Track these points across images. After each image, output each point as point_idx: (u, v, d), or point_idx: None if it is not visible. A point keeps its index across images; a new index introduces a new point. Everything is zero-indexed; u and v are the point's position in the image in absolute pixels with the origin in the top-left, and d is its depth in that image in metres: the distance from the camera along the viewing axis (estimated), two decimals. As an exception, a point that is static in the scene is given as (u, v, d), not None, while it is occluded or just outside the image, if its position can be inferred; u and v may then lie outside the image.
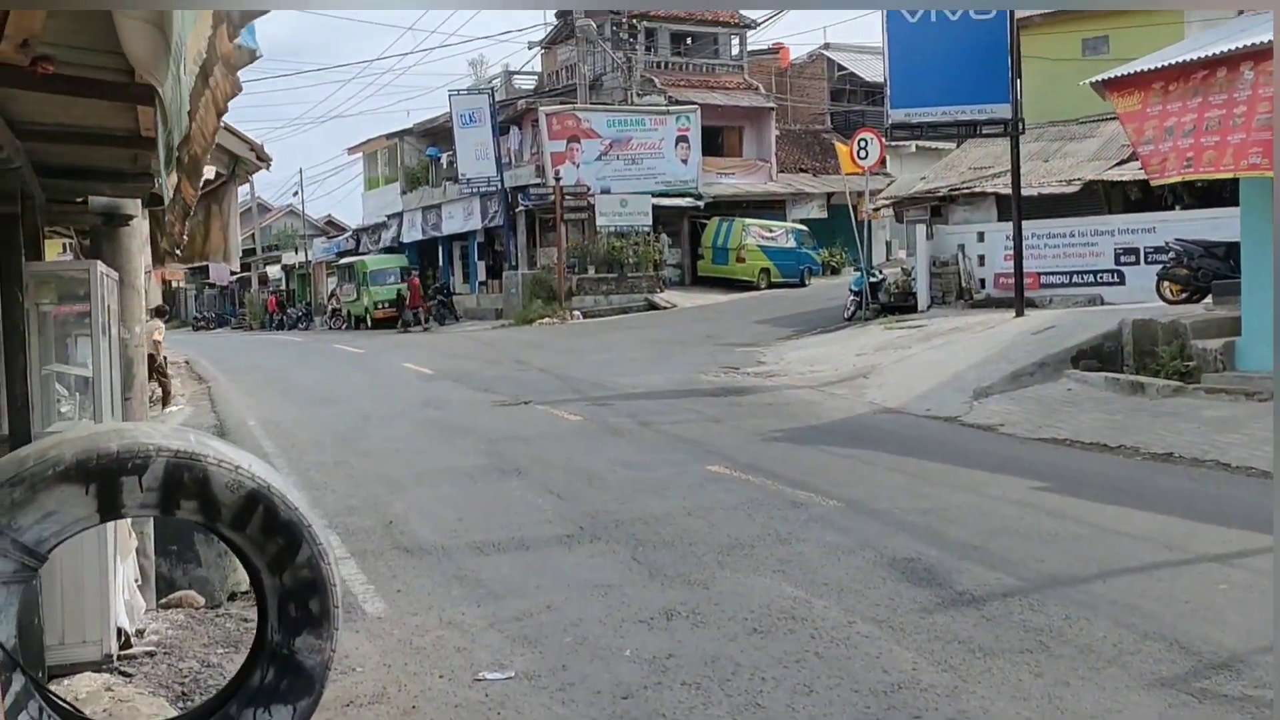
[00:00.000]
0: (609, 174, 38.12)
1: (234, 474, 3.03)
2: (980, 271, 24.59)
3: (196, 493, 3.02)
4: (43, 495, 2.86)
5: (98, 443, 2.95)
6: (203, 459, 3.00)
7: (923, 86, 20.10)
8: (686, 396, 16.41)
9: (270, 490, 3.08)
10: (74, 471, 2.91)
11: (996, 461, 10.77)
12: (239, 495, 3.04)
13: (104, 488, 2.92)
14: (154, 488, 2.97)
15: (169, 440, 3.00)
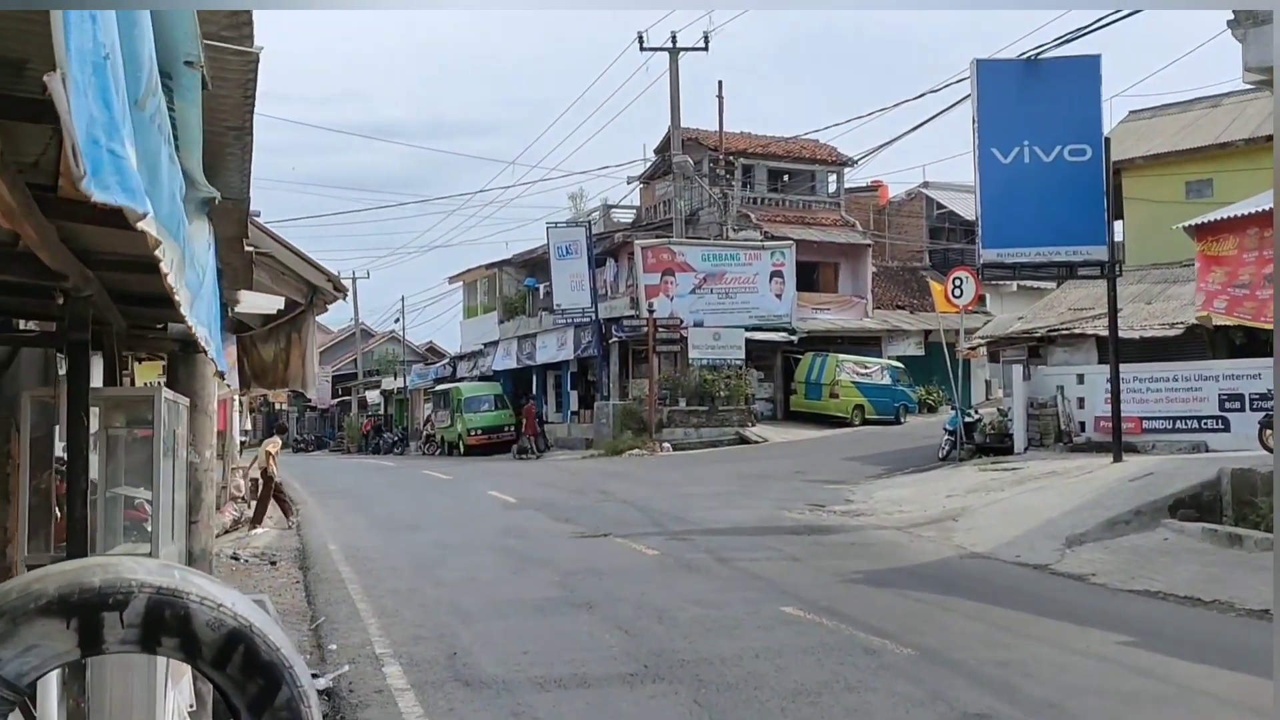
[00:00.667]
0: (702, 307, 38.37)
1: (215, 612, 3.01)
2: (1079, 414, 24.04)
3: (177, 630, 3.00)
4: (24, 629, 2.87)
5: (81, 577, 2.96)
6: (184, 596, 2.99)
7: (1016, 226, 19.98)
8: (768, 533, 16.16)
9: (252, 630, 3.05)
10: (56, 605, 2.92)
11: (1084, 613, 10.35)
12: (220, 634, 3.02)
13: (85, 623, 2.93)
14: (135, 624, 2.97)
15: (152, 576, 3.00)
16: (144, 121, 2.30)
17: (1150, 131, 30.50)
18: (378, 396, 66.29)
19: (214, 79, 3.11)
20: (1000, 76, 19.99)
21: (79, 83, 1.88)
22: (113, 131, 2.02)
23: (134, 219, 2.18)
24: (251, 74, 3.25)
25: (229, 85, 3.32)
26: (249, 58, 3.12)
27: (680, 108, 38.79)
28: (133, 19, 2.15)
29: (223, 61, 3.13)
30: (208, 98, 3.04)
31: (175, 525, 5.60)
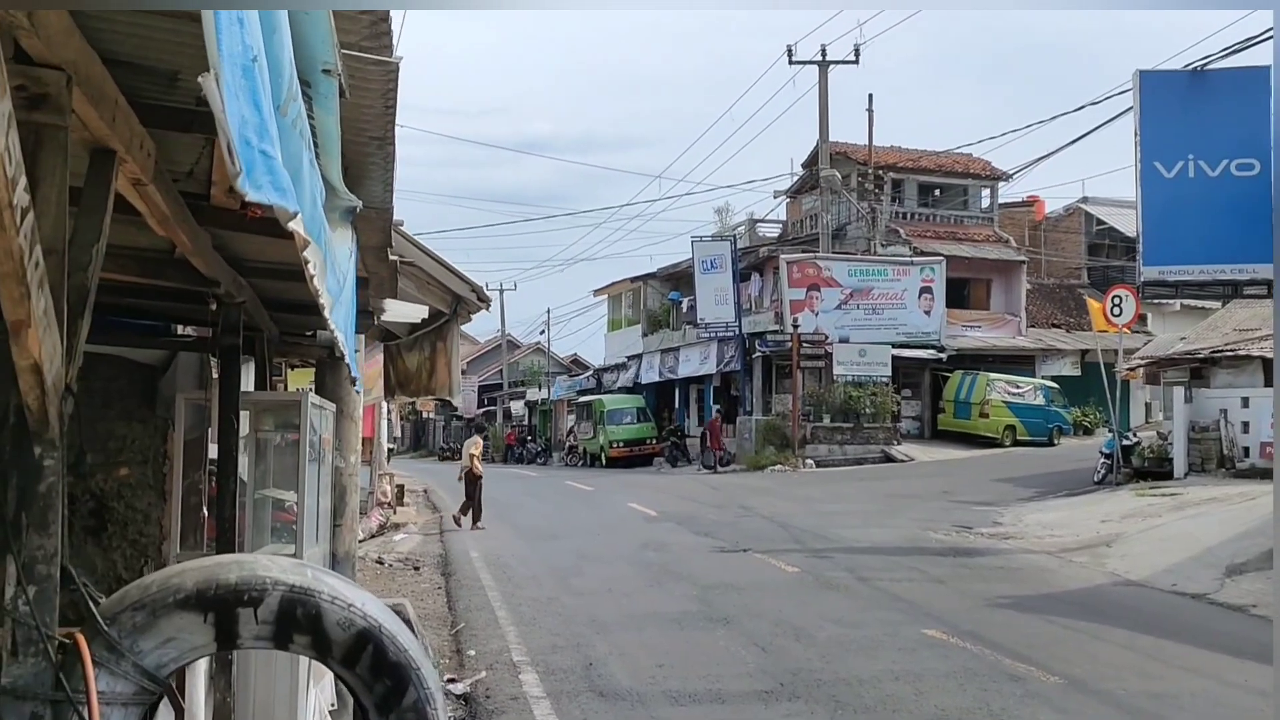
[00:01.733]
0: (848, 323, 37.95)
1: (346, 611, 3.07)
2: (1244, 439, 23.05)
3: (309, 628, 3.07)
4: (163, 621, 2.96)
5: (218, 573, 3.05)
6: (316, 595, 3.06)
7: (1179, 243, 19.23)
8: (911, 554, 15.88)
9: (381, 630, 3.11)
10: (194, 600, 3.01)
11: (1242, 645, 9.89)
12: (350, 633, 3.08)
13: (221, 617, 3.01)
14: (269, 620, 3.04)
15: (286, 574, 3.08)
16: (286, 127, 2.36)
17: (1325, 144, 29.08)
18: (522, 407, 67.24)
19: (355, 88, 3.17)
20: (1164, 88, 19.29)
21: (230, 84, 1.93)
22: (263, 133, 2.08)
23: (284, 218, 2.23)
24: (392, 84, 3.31)
25: (370, 95, 3.39)
26: (389, 67, 3.18)
27: (829, 121, 38.58)
28: (274, 24, 2.20)
29: (364, 71, 3.19)
30: (350, 107, 3.11)
31: (320, 527, 5.75)
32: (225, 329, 4.80)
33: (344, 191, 3.55)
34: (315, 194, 2.74)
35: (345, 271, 3.75)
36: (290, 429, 5.64)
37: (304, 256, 2.52)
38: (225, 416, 4.80)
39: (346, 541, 6.60)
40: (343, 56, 2.91)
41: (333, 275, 3.23)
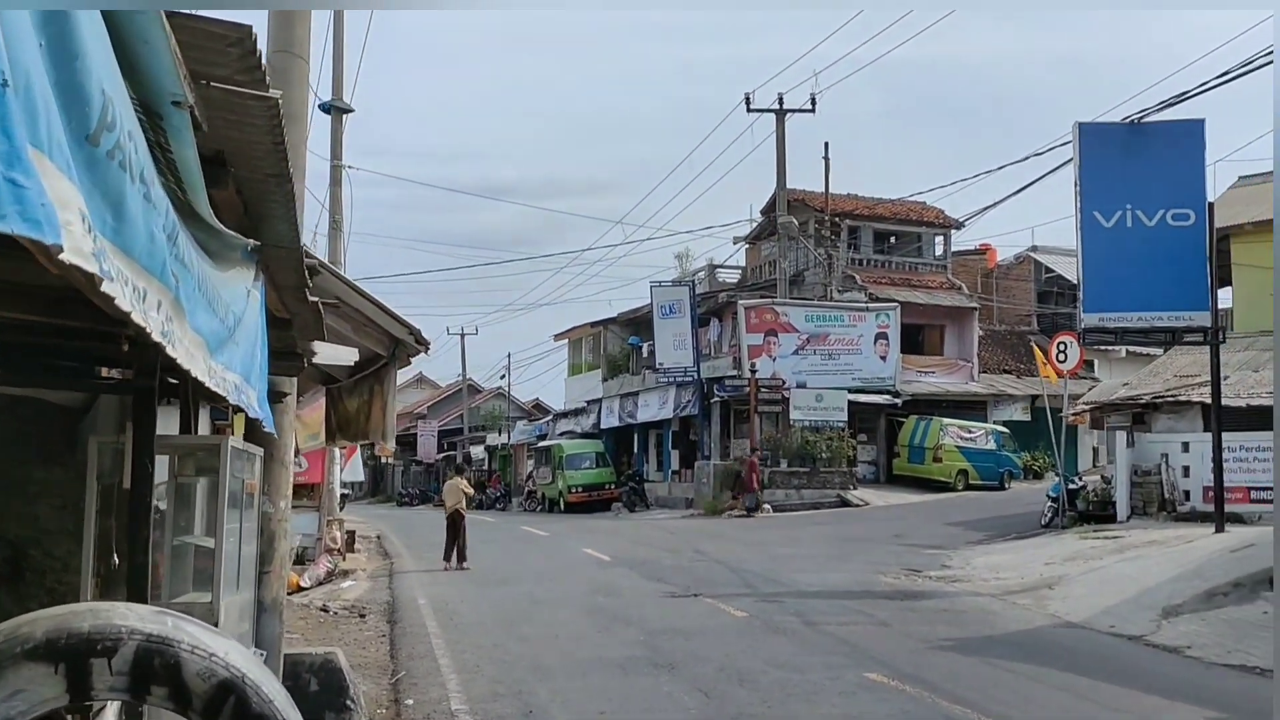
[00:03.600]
0: (805, 368, 38.22)
1: (207, 661, 3.01)
2: (1184, 483, 23.43)
3: (167, 679, 2.97)
4: (10, 673, 2.86)
5: (70, 622, 2.94)
6: (175, 644, 2.99)
7: (1118, 291, 19.67)
8: (860, 597, 15.98)
9: (244, 680, 3.05)
10: (43, 650, 2.90)
11: (1175, 686, 10.06)
12: (211, 684, 3.00)
13: (73, 668, 2.91)
14: (124, 671, 2.93)
15: (143, 623, 2.99)
16: (98, 158, 2.30)
17: (1260, 197, 29.72)
18: (482, 451, 67.02)
19: (240, 124, 3.22)
20: (1103, 139, 19.78)
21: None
22: (13, 161, 1.96)
23: (41, 252, 2.11)
24: (275, 120, 3.33)
25: (256, 131, 3.40)
26: (269, 103, 3.22)
27: (786, 169, 38.95)
28: (72, 52, 2.14)
29: (244, 107, 3.22)
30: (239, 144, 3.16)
31: (242, 574, 5.75)
32: (141, 370, 4.80)
33: (219, 226, 3.49)
34: (153, 228, 2.66)
35: (239, 311, 3.76)
36: (211, 473, 5.64)
37: (104, 292, 2.36)
38: (138, 460, 4.79)
39: (274, 589, 6.61)
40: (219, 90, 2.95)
41: (209, 314, 3.24)
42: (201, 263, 3.16)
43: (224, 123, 3.25)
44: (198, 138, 2.97)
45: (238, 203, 3.84)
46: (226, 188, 3.66)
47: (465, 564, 21.11)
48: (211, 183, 3.40)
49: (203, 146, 3.13)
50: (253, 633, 6.32)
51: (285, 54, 7.11)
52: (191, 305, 3.01)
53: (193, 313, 3.03)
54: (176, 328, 2.85)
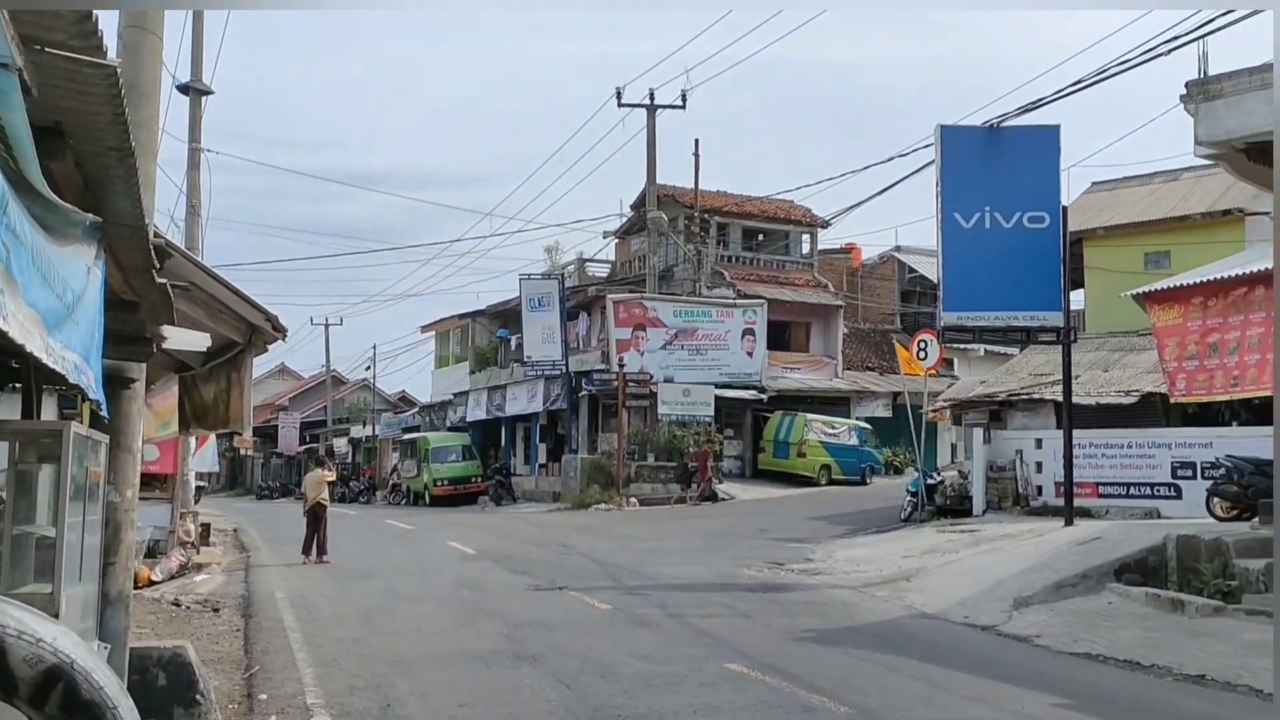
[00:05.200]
0: (673, 363, 38.43)
1: (34, 647, 2.90)
2: (1037, 478, 24.19)
3: None
4: None
5: None
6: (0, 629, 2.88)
7: (976, 291, 20.16)
8: (723, 590, 16.13)
9: (74, 667, 2.95)
10: None
11: (1024, 674, 10.37)
12: (38, 670, 2.90)
13: None
14: None
15: None
16: None
17: (1111, 203, 30.99)
18: (345, 444, 65.90)
19: (77, 93, 3.07)
20: (963, 142, 20.25)
21: None
22: None
23: None
24: (115, 90, 3.19)
25: (95, 101, 3.25)
26: (107, 71, 3.07)
27: (656, 164, 39.11)
28: None
29: (81, 75, 3.07)
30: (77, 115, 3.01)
31: (86, 566, 5.53)
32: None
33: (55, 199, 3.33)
34: None
35: (79, 289, 3.61)
36: (53, 460, 5.39)
37: None
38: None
39: (120, 581, 6.37)
40: (53, 56, 2.81)
41: (47, 290, 3.10)
42: (37, 236, 3.00)
43: (60, 91, 3.09)
44: (30, 104, 2.82)
45: (77, 177, 3.66)
46: (64, 160, 3.49)
47: (326, 558, 20.73)
48: (48, 154, 3.23)
49: (37, 114, 2.97)
50: (97, 626, 6.09)
51: (138, 29, 6.84)
52: (25, 279, 2.87)
53: (27, 286, 2.89)
54: (9, 300, 2.71)
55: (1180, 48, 15.10)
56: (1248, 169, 15.37)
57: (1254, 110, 13.78)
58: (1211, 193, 27.81)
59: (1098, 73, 17.27)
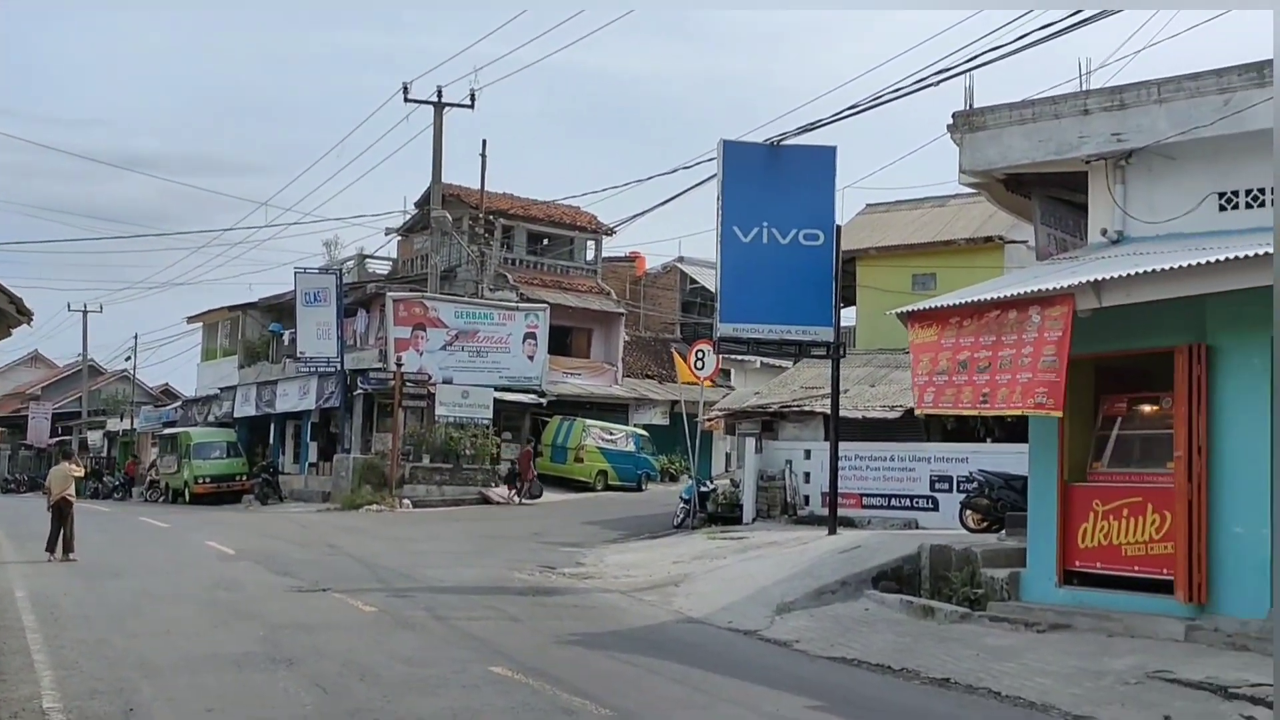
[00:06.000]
0: (453, 364, 38.04)
1: None
2: (805, 488, 24.98)
3: None
4: None
5: None
6: None
7: (752, 303, 20.67)
8: (492, 593, 16.04)
9: None
10: None
11: (780, 678, 10.64)
12: None
13: None
14: None
15: None
16: None
17: (884, 224, 32.35)
18: (100, 438, 62.59)
19: None
20: (745, 158, 20.72)
21: None
22: None
23: None
24: None
25: None
26: None
27: (442, 163, 38.68)
28: None
29: None
30: None
31: None
32: None
33: None
34: None
35: None
36: None
37: None
38: None
39: None
40: None
41: None
42: None
43: None
44: None
45: None
46: None
47: (72, 555, 19.60)
48: None
49: None
50: None
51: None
52: None
53: None
54: None
55: (950, 79, 15.85)
56: (1006, 198, 16.28)
57: (1012, 144, 14.60)
58: (975, 219, 29.35)
59: (873, 98, 17.98)
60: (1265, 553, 11.25)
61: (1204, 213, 13.08)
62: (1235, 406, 11.61)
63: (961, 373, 12.67)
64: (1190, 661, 10.46)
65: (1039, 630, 12.15)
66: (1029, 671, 10.46)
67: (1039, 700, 9.55)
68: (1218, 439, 11.69)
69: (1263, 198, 12.81)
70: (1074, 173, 14.55)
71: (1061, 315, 11.86)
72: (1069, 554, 12.99)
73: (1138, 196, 13.70)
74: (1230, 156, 12.94)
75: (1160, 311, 11.72)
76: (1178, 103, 13.06)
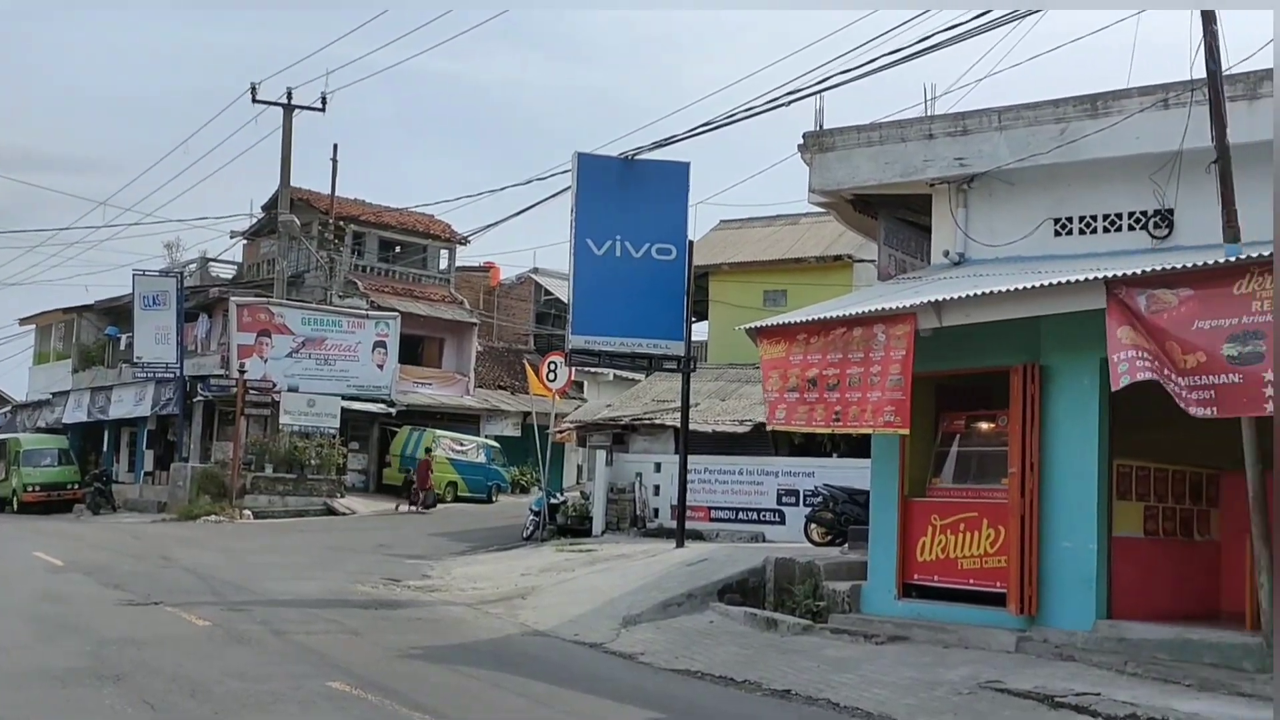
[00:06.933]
0: (299, 372, 37.27)
1: None
2: (655, 501, 25.13)
3: None
4: None
5: None
6: None
7: (604, 316, 20.72)
8: (334, 606, 15.68)
9: None
10: None
11: (624, 691, 10.62)
12: None
13: None
14: None
15: None
16: None
17: (736, 241, 32.82)
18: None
19: None
20: (599, 171, 20.76)
21: None
22: None
23: None
24: None
25: None
26: None
27: (291, 166, 37.92)
28: None
29: None
30: None
31: None
32: None
33: None
34: None
35: None
36: None
37: None
38: None
39: None
40: None
41: None
42: None
43: None
44: None
45: None
46: None
47: None
48: None
49: None
50: None
51: None
52: None
53: None
54: None
55: (801, 99, 16.14)
56: (854, 218, 16.66)
57: (860, 165, 14.97)
58: (826, 238, 29.99)
59: (726, 116, 18.22)
60: (1092, 567, 11.74)
61: (1040, 237, 13.61)
62: (1066, 425, 12.07)
63: (812, 390, 12.89)
64: (1020, 671, 10.80)
65: (878, 642, 12.40)
66: (867, 683, 10.66)
67: (876, 711, 9.73)
68: (1049, 456, 12.13)
69: (1095, 224, 13.37)
70: (919, 195, 14.98)
71: (905, 334, 12.17)
72: (908, 567, 13.32)
73: (979, 220, 14.16)
74: (1065, 184, 13.50)
75: (998, 332, 12.11)
76: (1017, 130, 13.56)
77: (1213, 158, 10.62)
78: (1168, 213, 12.82)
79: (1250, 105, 11.73)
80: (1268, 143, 10.93)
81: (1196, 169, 11.60)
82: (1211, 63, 10.68)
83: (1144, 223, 13.05)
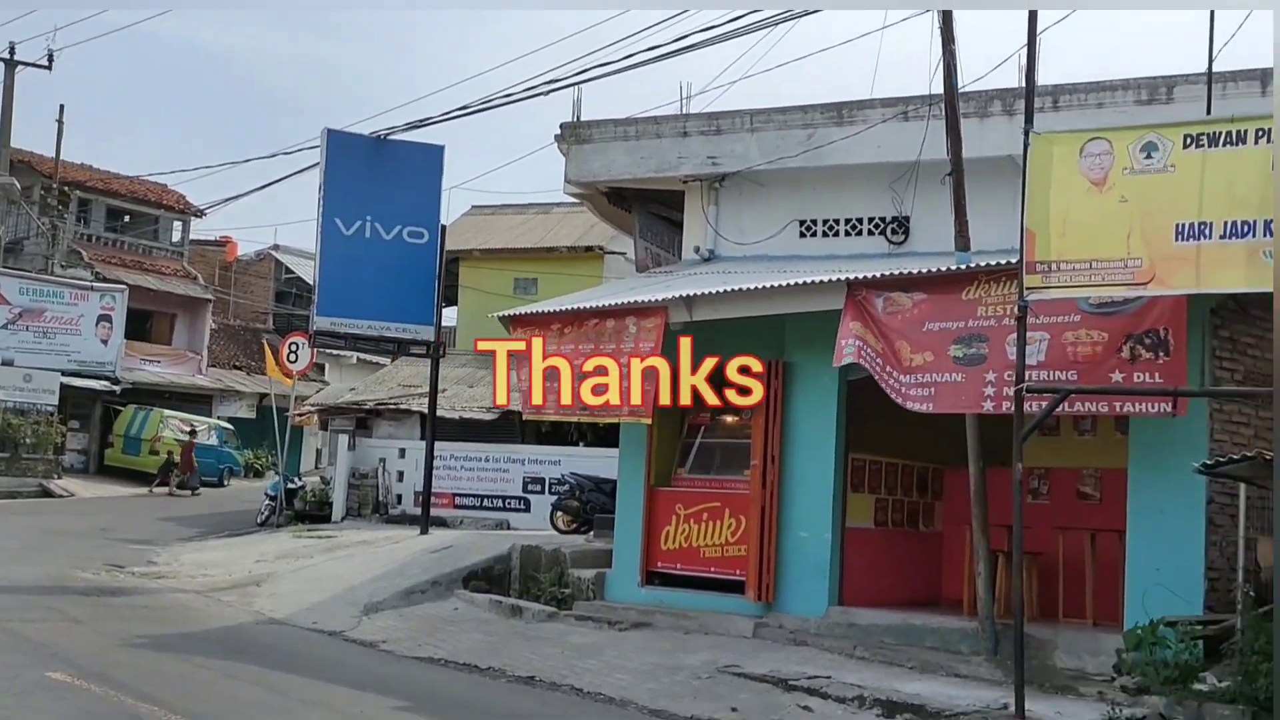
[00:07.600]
0: (15, 345, 34.83)
1: None
2: (399, 487, 24.78)
3: None
4: None
5: None
6: None
7: (352, 298, 20.29)
8: (51, 594, 14.80)
9: None
10: None
11: (367, 679, 10.47)
12: None
13: None
14: None
15: None
16: None
17: (489, 227, 32.72)
18: None
19: None
20: (350, 149, 20.28)
21: None
22: None
23: None
24: None
25: None
26: None
27: (11, 125, 35.39)
28: None
29: None
30: None
31: None
32: None
33: None
34: None
35: None
36: None
37: None
38: None
39: None
40: None
41: None
42: None
43: None
44: None
45: None
46: None
47: None
48: None
49: None
50: None
51: None
52: None
53: None
54: None
55: (560, 89, 16.18)
56: (609, 210, 16.87)
57: (616, 158, 15.18)
58: (579, 228, 30.25)
59: (482, 101, 18.09)
60: (826, 556, 12.33)
61: (786, 238, 14.14)
62: (806, 420, 12.61)
63: (564, 379, 13.00)
64: (756, 656, 11.22)
65: (621, 629, 12.63)
66: (610, 668, 10.85)
67: (618, 696, 9.93)
68: (789, 449, 12.65)
69: (837, 227, 14.01)
70: (672, 191, 15.32)
71: (655, 327, 12.46)
72: (652, 555, 13.62)
73: (729, 218, 14.59)
74: (811, 187, 14.08)
75: (746, 328, 12.51)
76: (768, 133, 14.04)
77: (948, 170, 11.28)
78: (904, 219, 13.57)
79: (981, 123, 12.53)
80: (996, 158, 11.80)
81: (932, 180, 12.30)
82: (950, 82, 11.33)
83: (882, 228, 13.76)
